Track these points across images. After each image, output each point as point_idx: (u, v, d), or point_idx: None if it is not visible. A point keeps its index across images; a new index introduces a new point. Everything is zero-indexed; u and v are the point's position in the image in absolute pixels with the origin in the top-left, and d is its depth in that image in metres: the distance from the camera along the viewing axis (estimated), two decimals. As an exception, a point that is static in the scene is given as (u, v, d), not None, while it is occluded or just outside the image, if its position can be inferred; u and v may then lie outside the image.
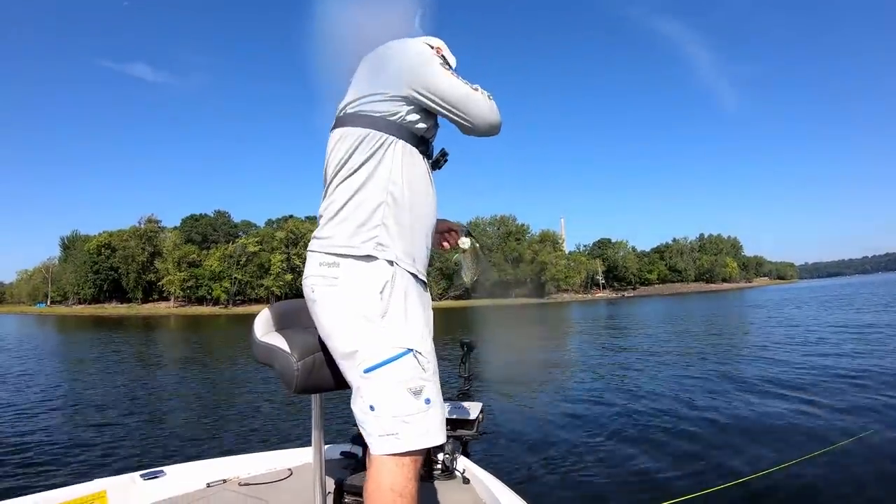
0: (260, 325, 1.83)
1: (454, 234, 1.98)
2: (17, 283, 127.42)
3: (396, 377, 1.40)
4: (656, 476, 4.24)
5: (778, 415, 5.94)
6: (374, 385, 1.40)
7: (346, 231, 1.48)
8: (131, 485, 2.12)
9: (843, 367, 8.69)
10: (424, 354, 1.44)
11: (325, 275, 1.48)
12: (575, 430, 5.73)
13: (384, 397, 1.39)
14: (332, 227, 1.51)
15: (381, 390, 1.40)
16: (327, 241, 1.50)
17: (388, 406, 1.39)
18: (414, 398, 1.40)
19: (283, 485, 2.29)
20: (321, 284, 1.49)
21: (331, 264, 1.48)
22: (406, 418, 1.38)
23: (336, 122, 1.59)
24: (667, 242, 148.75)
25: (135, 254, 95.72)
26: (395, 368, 1.40)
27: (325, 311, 1.48)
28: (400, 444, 1.38)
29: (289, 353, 1.58)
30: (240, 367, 12.23)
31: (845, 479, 3.96)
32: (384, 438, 1.39)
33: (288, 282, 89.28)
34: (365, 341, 1.42)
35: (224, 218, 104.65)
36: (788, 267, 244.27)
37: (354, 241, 1.47)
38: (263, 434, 6.01)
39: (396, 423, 1.38)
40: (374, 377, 1.40)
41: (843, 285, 79.05)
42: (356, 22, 1.70)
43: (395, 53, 1.54)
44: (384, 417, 1.39)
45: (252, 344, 1.82)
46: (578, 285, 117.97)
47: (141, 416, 7.05)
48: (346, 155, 1.52)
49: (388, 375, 1.40)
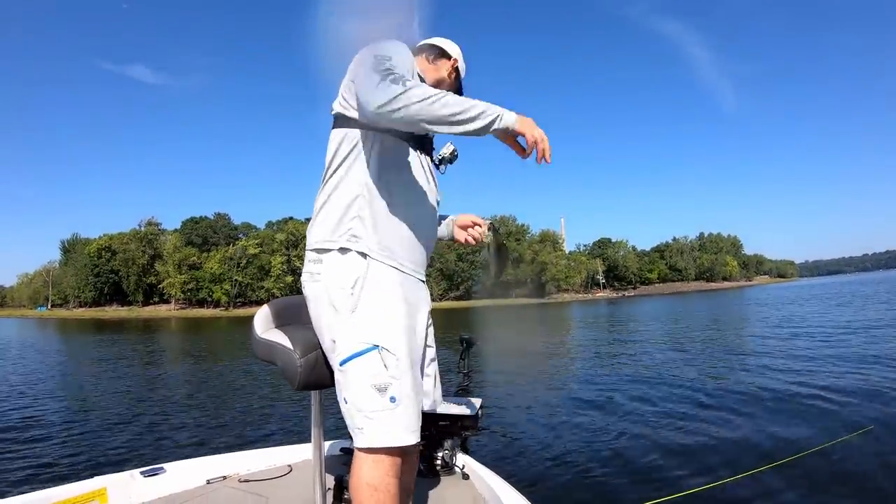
0: (260, 322, 1.83)
1: (478, 229, 1.98)
2: (17, 287, 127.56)
3: (362, 372, 1.41)
4: (656, 471, 4.25)
5: (780, 410, 5.94)
6: (346, 378, 1.44)
7: (328, 226, 1.52)
8: (131, 482, 2.13)
9: (844, 363, 8.67)
10: (393, 352, 1.43)
11: (312, 271, 1.53)
12: (574, 425, 5.73)
13: (352, 391, 1.42)
14: (316, 225, 1.55)
15: (350, 384, 1.43)
16: (312, 239, 1.55)
17: (355, 400, 1.42)
18: (378, 395, 1.40)
19: (282, 481, 2.29)
20: (308, 281, 1.54)
21: (315, 261, 1.53)
22: (370, 414, 1.40)
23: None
24: (667, 241, 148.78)
25: (135, 256, 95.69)
26: (360, 363, 1.42)
27: (311, 306, 1.55)
28: (364, 439, 1.40)
29: (291, 349, 1.59)
30: (240, 366, 12.24)
31: (847, 474, 3.96)
32: (353, 432, 1.43)
33: (288, 283, 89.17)
34: (338, 334, 1.46)
35: (224, 220, 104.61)
36: (789, 265, 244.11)
37: (333, 235, 1.51)
38: (263, 431, 6.02)
39: (361, 418, 1.41)
40: (346, 370, 1.43)
41: (843, 283, 78.89)
42: (355, 24, 1.72)
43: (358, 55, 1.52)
44: (352, 411, 1.42)
45: (252, 341, 1.82)
46: (579, 285, 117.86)
47: (141, 414, 7.06)
48: (330, 155, 1.56)
49: (355, 370, 1.42)
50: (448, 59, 1.85)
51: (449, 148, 1.82)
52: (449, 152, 1.82)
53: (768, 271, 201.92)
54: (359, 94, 1.39)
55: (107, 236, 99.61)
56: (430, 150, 1.72)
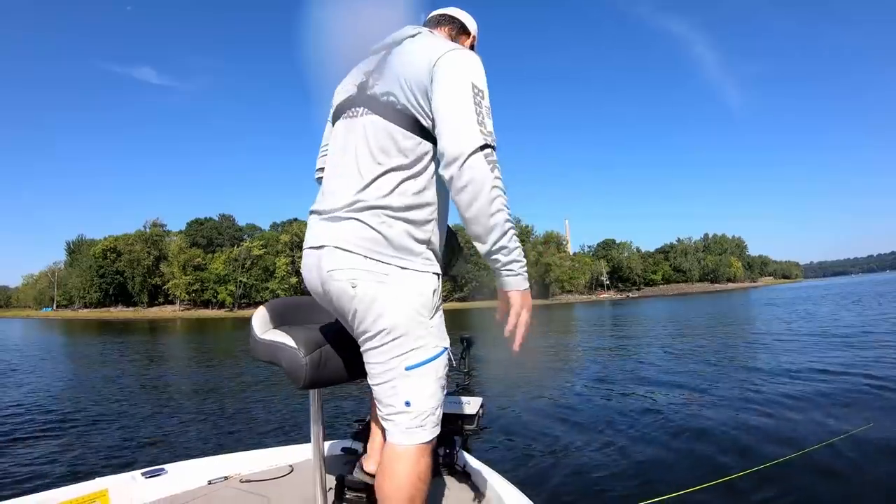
0: (259, 323, 1.83)
1: None
2: (23, 288, 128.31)
3: (434, 374, 1.46)
4: (658, 470, 4.24)
5: (782, 408, 5.91)
6: (413, 381, 1.44)
7: (403, 238, 1.45)
8: (133, 483, 2.13)
9: (846, 362, 8.64)
10: (453, 350, 1.56)
11: (373, 269, 1.42)
12: (576, 424, 5.72)
13: (421, 392, 1.45)
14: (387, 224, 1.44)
15: (420, 386, 1.45)
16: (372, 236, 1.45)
17: (423, 400, 1.45)
18: (442, 392, 1.49)
19: (284, 481, 2.30)
20: (368, 280, 1.42)
21: (382, 262, 1.43)
22: (434, 410, 1.47)
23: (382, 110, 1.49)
24: (671, 243, 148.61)
25: (140, 258, 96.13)
26: (434, 366, 1.47)
27: (370, 307, 1.42)
28: (424, 435, 1.45)
29: (295, 348, 1.58)
30: (241, 366, 12.27)
31: (848, 472, 3.95)
32: (412, 431, 1.44)
33: (293, 285, 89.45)
34: (413, 339, 1.44)
35: (229, 221, 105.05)
36: (793, 266, 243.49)
37: (409, 255, 1.46)
38: (264, 431, 6.03)
39: (425, 416, 1.45)
40: (415, 373, 1.44)
41: (848, 284, 78.59)
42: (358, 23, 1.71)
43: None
44: (417, 411, 1.44)
45: (252, 342, 1.82)
46: (583, 286, 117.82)
47: (142, 415, 7.08)
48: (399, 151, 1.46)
49: (428, 372, 1.45)
50: (468, 36, 1.79)
51: None
52: None
53: (773, 272, 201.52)
54: (446, 124, 1.35)
55: (112, 237, 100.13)
56: None
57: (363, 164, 1.46)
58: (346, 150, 1.52)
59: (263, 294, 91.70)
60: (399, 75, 1.44)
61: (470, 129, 1.32)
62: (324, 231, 1.48)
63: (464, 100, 1.35)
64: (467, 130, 1.32)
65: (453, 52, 1.43)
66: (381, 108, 1.46)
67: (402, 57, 1.47)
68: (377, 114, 1.47)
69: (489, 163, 1.32)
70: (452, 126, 1.34)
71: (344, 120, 1.58)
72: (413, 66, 1.43)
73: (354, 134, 1.51)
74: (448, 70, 1.39)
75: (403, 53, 1.48)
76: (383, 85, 1.47)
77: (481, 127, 1.33)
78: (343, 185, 1.48)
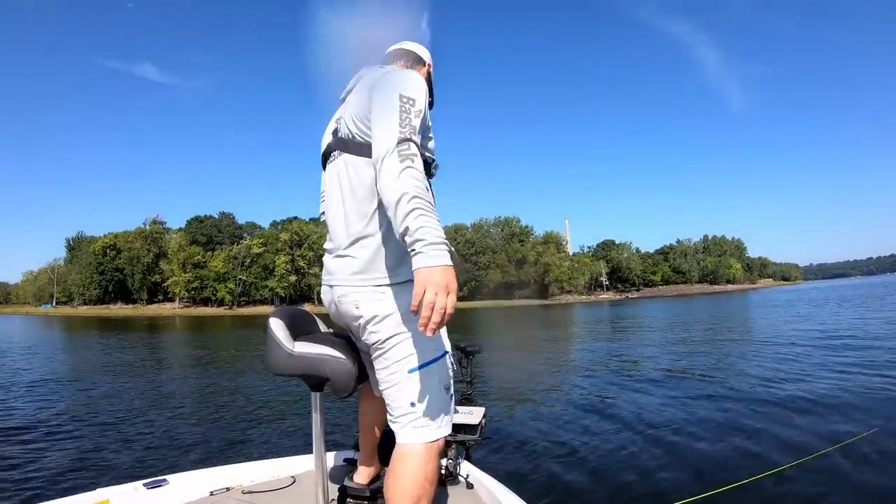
0: (284, 336, 1.83)
1: None
2: (22, 284, 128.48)
3: (436, 376, 1.62)
4: (662, 479, 4.21)
5: (783, 414, 5.91)
6: (415, 383, 1.59)
7: (391, 261, 1.63)
8: (134, 493, 2.12)
9: (848, 364, 8.64)
10: (452, 355, 1.68)
11: (372, 292, 1.63)
12: (579, 433, 5.70)
13: (425, 393, 1.59)
14: (378, 259, 1.63)
15: (423, 387, 1.59)
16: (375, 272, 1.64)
17: (426, 401, 1.58)
18: (445, 393, 1.63)
19: (286, 492, 2.29)
20: (368, 301, 1.62)
21: (382, 285, 1.63)
22: (438, 410, 1.60)
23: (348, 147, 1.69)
24: (671, 244, 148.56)
25: (140, 255, 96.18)
26: (435, 368, 1.62)
27: (372, 321, 1.62)
28: (427, 435, 1.58)
29: (343, 358, 1.74)
30: (243, 375, 12.25)
31: (850, 479, 3.93)
32: (417, 429, 1.58)
33: (292, 283, 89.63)
34: (413, 344, 1.60)
35: (229, 219, 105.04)
36: (793, 268, 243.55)
37: (398, 269, 1.62)
38: (265, 442, 6.00)
39: (429, 417, 1.58)
40: (420, 375, 1.59)
41: (847, 286, 78.61)
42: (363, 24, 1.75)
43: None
44: (421, 411, 1.58)
45: (282, 357, 1.82)
46: (582, 287, 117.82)
47: (144, 424, 7.04)
48: (368, 187, 1.63)
49: (430, 374, 1.60)
50: (423, 65, 1.96)
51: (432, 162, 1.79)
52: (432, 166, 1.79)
53: (772, 274, 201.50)
54: (373, 133, 1.50)
55: (112, 235, 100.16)
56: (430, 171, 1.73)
57: (346, 202, 1.67)
58: (332, 193, 1.75)
59: (262, 292, 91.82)
60: (353, 113, 1.65)
61: (391, 131, 1.44)
62: (332, 268, 1.72)
63: (389, 109, 1.49)
64: (388, 133, 1.44)
65: (386, 73, 1.63)
66: (347, 146, 1.68)
67: (353, 97, 1.70)
68: (346, 152, 1.68)
69: (402, 156, 1.40)
70: (377, 133, 1.47)
71: (329, 165, 1.79)
72: (360, 98, 1.64)
73: (336, 176, 1.72)
74: (379, 88, 1.57)
75: (354, 93, 1.70)
76: (345, 125, 1.68)
77: (402, 126, 1.45)
78: (335, 224, 1.73)
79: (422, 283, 1.32)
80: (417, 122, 1.49)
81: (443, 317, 1.32)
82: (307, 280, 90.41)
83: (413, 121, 1.48)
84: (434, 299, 1.30)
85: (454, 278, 1.35)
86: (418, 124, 1.50)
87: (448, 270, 1.34)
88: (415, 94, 1.53)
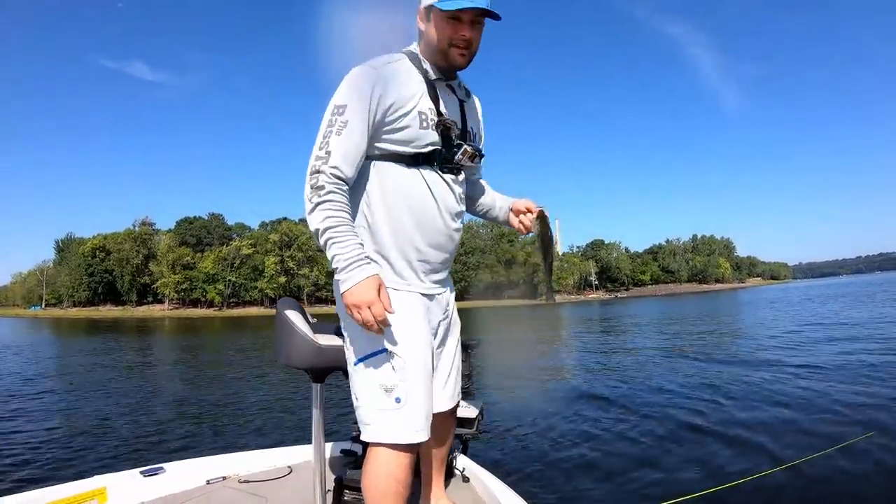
0: (306, 329, 1.80)
1: (528, 216, 1.91)
2: (11, 286, 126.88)
3: (372, 372, 1.55)
4: (657, 475, 4.23)
5: (780, 413, 5.91)
6: (357, 377, 1.58)
7: None
8: (131, 481, 2.13)
9: (845, 364, 8.70)
10: (401, 356, 1.53)
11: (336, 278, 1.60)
12: (574, 428, 5.72)
13: (362, 389, 1.56)
14: None
15: (360, 382, 1.57)
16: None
17: (364, 397, 1.56)
18: (385, 394, 1.52)
19: (283, 482, 2.30)
20: (336, 290, 1.59)
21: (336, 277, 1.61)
22: (377, 412, 1.53)
23: None
24: (660, 243, 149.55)
25: (129, 256, 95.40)
26: (370, 364, 1.55)
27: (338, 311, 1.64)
28: (370, 434, 1.54)
29: None
30: (237, 367, 12.22)
31: (850, 478, 3.90)
32: (362, 427, 1.56)
33: (282, 284, 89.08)
34: (351, 338, 1.60)
35: (218, 220, 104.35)
36: (782, 267, 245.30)
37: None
38: (263, 431, 6.01)
39: (370, 414, 1.54)
40: (358, 370, 1.58)
41: (836, 285, 79.14)
42: (362, 22, 1.72)
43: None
44: (362, 407, 1.56)
45: (303, 350, 1.78)
46: (572, 286, 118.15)
47: (141, 414, 7.04)
48: None
49: (366, 370, 1.56)
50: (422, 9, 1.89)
51: (467, 151, 1.67)
52: (469, 155, 1.68)
53: (761, 273, 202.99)
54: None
55: (101, 236, 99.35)
56: (439, 160, 1.63)
57: None
58: None
59: (252, 293, 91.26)
60: None
61: (311, 156, 1.49)
62: None
63: (321, 125, 1.51)
64: (310, 158, 1.49)
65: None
66: None
67: None
68: None
69: (312, 189, 1.45)
70: None
71: None
72: None
73: None
74: None
75: None
76: None
77: (319, 149, 1.48)
78: None
79: (349, 307, 1.45)
80: (338, 139, 1.48)
81: (377, 324, 1.43)
82: (296, 281, 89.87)
83: (332, 141, 1.47)
84: (360, 318, 1.43)
85: (371, 287, 1.42)
86: (343, 142, 1.48)
87: (363, 285, 1.42)
88: (345, 99, 1.50)
